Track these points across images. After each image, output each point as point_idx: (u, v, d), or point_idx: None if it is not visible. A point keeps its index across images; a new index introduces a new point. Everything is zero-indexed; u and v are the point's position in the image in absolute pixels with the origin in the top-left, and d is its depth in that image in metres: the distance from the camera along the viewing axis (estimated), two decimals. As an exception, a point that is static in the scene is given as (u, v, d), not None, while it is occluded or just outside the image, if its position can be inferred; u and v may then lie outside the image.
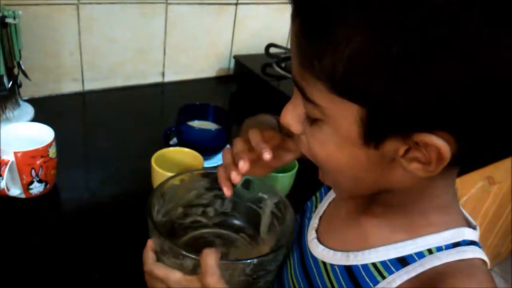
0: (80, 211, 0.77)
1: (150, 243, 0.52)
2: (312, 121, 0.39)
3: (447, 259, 0.41)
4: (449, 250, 0.42)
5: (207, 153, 0.88)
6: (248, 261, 0.49)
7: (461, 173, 1.27)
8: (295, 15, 0.35)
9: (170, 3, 1.17)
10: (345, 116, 0.35)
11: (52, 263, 0.66)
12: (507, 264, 2.18)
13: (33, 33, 1.00)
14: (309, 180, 0.83)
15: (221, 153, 0.58)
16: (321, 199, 0.59)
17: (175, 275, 0.48)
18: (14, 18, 0.87)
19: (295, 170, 0.82)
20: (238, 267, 0.49)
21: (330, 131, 0.38)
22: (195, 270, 0.48)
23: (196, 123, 0.95)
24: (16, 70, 0.94)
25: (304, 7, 0.35)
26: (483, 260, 0.42)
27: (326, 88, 0.35)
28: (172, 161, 0.81)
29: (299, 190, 0.84)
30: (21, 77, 0.95)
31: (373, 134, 0.35)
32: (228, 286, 0.46)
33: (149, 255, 0.51)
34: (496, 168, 1.37)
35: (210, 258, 0.45)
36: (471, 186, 1.35)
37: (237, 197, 0.66)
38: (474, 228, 0.45)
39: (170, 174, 0.73)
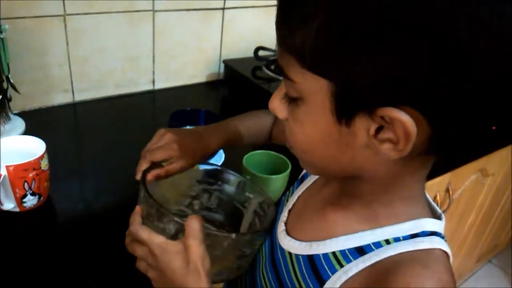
0: (75, 222, 0.77)
1: (138, 209, 0.54)
2: (291, 101, 0.41)
3: (402, 249, 0.42)
4: (406, 241, 0.43)
5: (200, 158, 0.88)
6: (228, 234, 0.52)
7: (454, 166, 1.27)
8: (277, 2, 0.39)
9: (157, 11, 1.17)
10: (317, 91, 0.37)
11: (49, 275, 0.66)
12: (505, 255, 2.20)
13: (21, 46, 1.00)
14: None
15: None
16: (293, 193, 0.60)
17: (158, 238, 0.49)
18: (1, 32, 0.87)
19: (288, 172, 0.82)
20: (218, 237, 0.51)
21: (306, 109, 0.40)
22: (177, 235, 0.50)
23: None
24: (5, 84, 0.93)
25: None
26: (444, 251, 0.42)
27: (297, 63, 0.37)
28: (165, 168, 0.81)
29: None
30: (10, 90, 0.95)
31: (342, 109, 0.37)
32: (206, 252, 0.48)
33: (136, 217, 0.53)
34: (489, 160, 1.38)
35: (195, 222, 0.48)
36: (465, 179, 1.36)
37: (224, 195, 0.68)
38: (439, 218, 0.46)
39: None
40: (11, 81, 0.94)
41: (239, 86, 1.32)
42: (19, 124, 0.99)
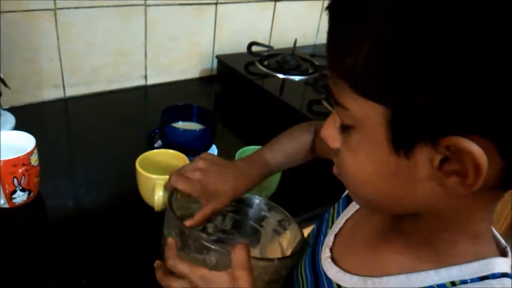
0: (65, 218, 0.76)
1: (172, 241, 0.51)
2: (344, 129, 0.38)
3: None
4: (474, 283, 0.38)
5: (192, 154, 0.88)
6: (272, 260, 0.49)
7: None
8: (329, 20, 0.36)
9: (149, 5, 1.16)
10: (371, 118, 0.34)
11: (40, 271, 0.65)
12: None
13: (11, 40, 0.99)
14: (296, 177, 0.83)
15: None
16: (338, 214, 0.56)
17: (201, 270, 0.47)
18: (-10, 26, 0.86)
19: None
20: (261, 266, 0.49)
21: (360, 138, 0.37)
22: (216, 266, 0.48)
23: (180, 124, 0.94)
24: (-6, 79, 0.92)
25: (332, 10, 0.35)
26: None
27: (349, 88, 0.34)
28: (157, 163, 0.80)
29: (286, 187, 0.84)
30: (0, 85, 0.94)
31: (400, 138, 0.33)
32: (255, 284, 0.45)
33: (172, 251, 0.50)
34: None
35: (244, 252, 0.45)
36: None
37: (239, 215, 0.66)
38: (504, 252, 0.42)
39: (155, 177, 0.73)
40: (1, 76, 0.93)
41: (232, 82, 1.32)
42: (9, 119, 0.98)
